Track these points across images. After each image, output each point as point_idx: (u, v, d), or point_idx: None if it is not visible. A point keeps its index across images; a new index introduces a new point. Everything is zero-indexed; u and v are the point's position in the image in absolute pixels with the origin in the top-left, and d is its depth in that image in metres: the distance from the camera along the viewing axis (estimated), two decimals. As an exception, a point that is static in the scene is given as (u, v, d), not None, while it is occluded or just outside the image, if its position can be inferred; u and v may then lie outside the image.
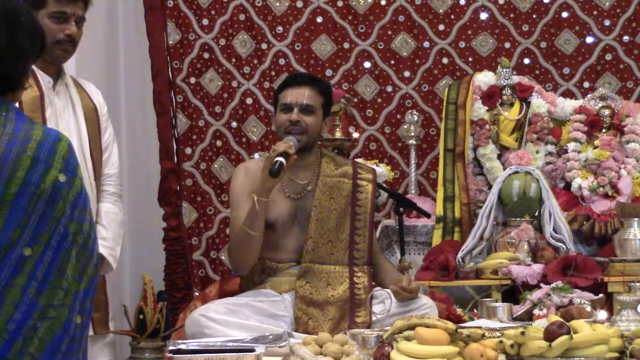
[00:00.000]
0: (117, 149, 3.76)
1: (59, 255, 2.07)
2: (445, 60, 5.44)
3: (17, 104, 2.24)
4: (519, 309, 4.15)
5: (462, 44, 5.44)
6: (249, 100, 5.32)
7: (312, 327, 3.66)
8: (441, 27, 5.44)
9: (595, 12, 5.43)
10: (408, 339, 3.13)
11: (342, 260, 3.83)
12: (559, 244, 4.56)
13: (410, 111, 5.30)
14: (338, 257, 3.83)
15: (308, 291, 3.76)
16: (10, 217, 2.04)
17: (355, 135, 5.29)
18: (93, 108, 3.65)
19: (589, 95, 5.14)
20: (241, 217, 3.75)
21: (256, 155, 5.01)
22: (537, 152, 4.97)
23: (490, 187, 4.87)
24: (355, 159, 4.66)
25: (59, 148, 2.11)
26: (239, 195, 3.84)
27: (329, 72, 5.41)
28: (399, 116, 5.42)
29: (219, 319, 3.55)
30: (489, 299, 4.28)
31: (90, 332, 3.50)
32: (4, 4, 2.16)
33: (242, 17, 5.35)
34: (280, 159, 3.58)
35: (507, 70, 5.09)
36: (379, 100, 5.44)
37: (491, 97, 5.03)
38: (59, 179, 2.08)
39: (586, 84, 5.42)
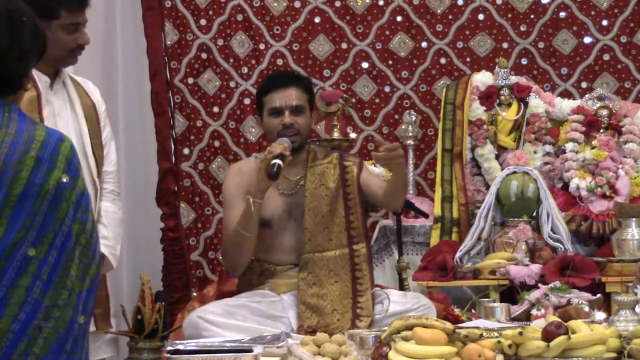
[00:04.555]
0: (114, 146, 3.76)
1: (63, 255, 2.08)
2: (443, 61, 5.44)
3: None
4: (517, 309, 4.16)
5: (460, 44, 5.44)
6: (247, 101, 5.32)
7: (317, 322, 3.66)
8: (439, 28, 5.44)
9: (593, 13, 5.43)
10: (406, 339, 3.13)
11: (341, 243, 3.84)
12: (557, 244, 4.56)
13: (408, 111, 5.30)
14: (337, 241, 3.84)
15: (311, 282, 3.77)
16: (14, 217, 2.05)
17: (353, 135, 5.29)
18: (92, 106, 3.65)
19: (587, 96, 5.15)
20: (235, 217, 3.76)
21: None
22: (535, 152, 4.98)
23: (488, 187, 4.88)
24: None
25: (62, 148, 2.12)
26: (233, 195, 3.85)
27: (326, 72, 5.41)
28: (396, 116, 5.42)
29: (217, 321, 3.56)
30: (486, 299, 4.28)
31: (92, 328, 3.51)
32: (7, 5, 2.17)
33: (240, 17, 5.36)
34: (278, 161, 3.58)
35: (505, 70, 5.10)
36: (377, 100, 5.44)
37: (489, 97, 5.03)
38: (62, 180, 2.09)
39: (584, 84, 5.43)
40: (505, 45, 5.45)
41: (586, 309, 3.96)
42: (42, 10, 2.76)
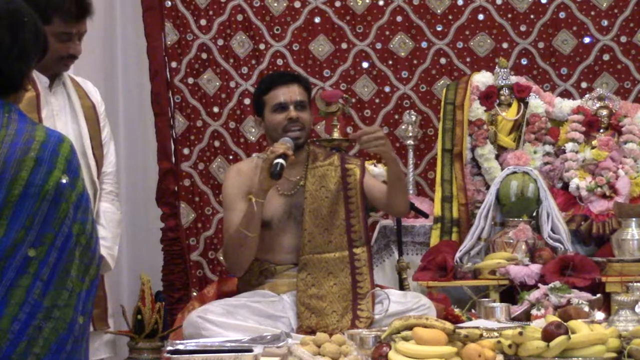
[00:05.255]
0: (114, 147, 3.75)
1: (64, 255, 2.08)
2: (443, 61, 5.44)
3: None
4: (517, 309, 4.16)
5: (459, 44, 5.44)
6: (247, 101, 5.32)
7: (316, 322, 3.66)
8: (439, 28, 5.45)
9: (592, 13, 5.44)
10: (406, 339, 3.14)
11: (341, 246, 3.84)
12: (557, 244, 4.56)
13: (408, 111, 5.30)
14: (336, 244, 3.83)
15: (310, 283, 3.76)
16: (14, 218, 2.05)
17: (353, 135, 5.28)
18: (92, 106, 3.64)
19: (587, 96, 5.15)
20: (236, 218, 3.75)
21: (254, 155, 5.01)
22: (535, 152, 4.98)
23: (488, 187, 4.88)
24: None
25: (62, 149, 2.12)
26: (233, 196, 3.84)
27: (326, 73, 5.41)
28: (396, 116, 5.42)
29: (217, 320, 3.55)
30: (486, 299, 4.28)
31: (90, 329, 3.50)
32: (8, 6, 2.17)
33: (240, 17, 5.36)
34: (280, 160, 3.58)
35: (505, 70, 5.10)
36: (377, 100, 5.44)
37: (489, 97, 5.03)
38: (61, 180, 2.09)
39: (584, 84, 5.43)
40: (505, 45, 5.45)
41: (586, 309, 3.96)
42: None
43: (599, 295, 4.20)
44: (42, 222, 2.06)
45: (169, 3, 5.28)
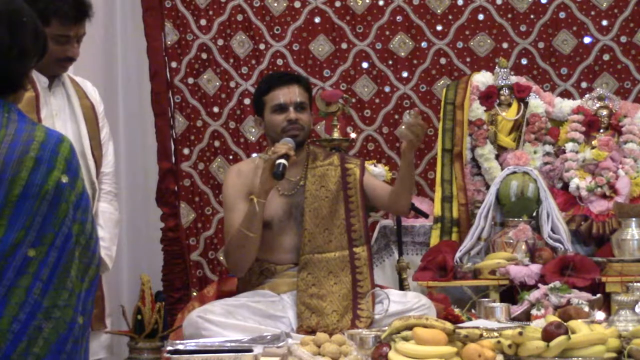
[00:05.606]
0: (112, 147, 3.75)
1: (63, 255, 2.08)
2: (443, 61, 5.44)
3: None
4: (517, 309, 4.16)
5: (459, 44, 5.44)
6: (247, 101, 5.32)
7: (316, 322, 3.66)
8: (439, 28, 5.45)
9: (592, 13, 5.44)
10: (406, 339, 3.14)
11: (341, 245, 3.83)
12: (557, 244, 4.56)
13: (408, 111, 5.30)
14: (337, 243, 3.83)
15: (310, 282, 3.76)
16: (14, 218, 2.05)
17: (353, 135, 5.29)
18: (91, 106, 3.64)
19: (587, 96, 5.15)
20: (237, 218, 3.74)
21: (254, 155, 5.01)
22: (535, 152, 4.98)
23: (488, 187, 4.88)
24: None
25: (61, 149, 2.12)
26: (234, 197, 3.84)
27: (326, 73, 5.41)
28: (396, 116, 5.42)
29: (217, 320, 3.55)
30: (486, 299, 4.28)
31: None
32: (7, 6, 2.17)
33: (240, 17, 5.36)
34: (283, 161, 3.57)
35: (505, 70, 5.10)
36: (377, 100, 5.44)
37: (489, 97, 5.03)
38: (61, 180, 2.09)
39: (584, 84, 5.43)
40: (505, 45, 5.45)
41: (586, 309, 3.96)
42: None
43: (599, 295, 4.20)
44: (42, 222, 2.06)
45: (169, 3, 5.28)
